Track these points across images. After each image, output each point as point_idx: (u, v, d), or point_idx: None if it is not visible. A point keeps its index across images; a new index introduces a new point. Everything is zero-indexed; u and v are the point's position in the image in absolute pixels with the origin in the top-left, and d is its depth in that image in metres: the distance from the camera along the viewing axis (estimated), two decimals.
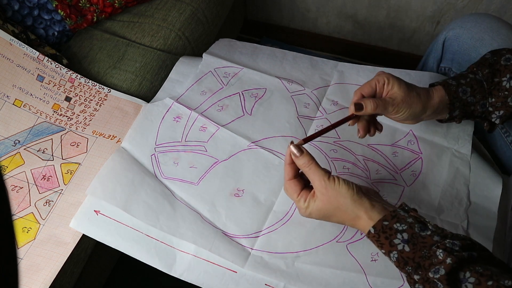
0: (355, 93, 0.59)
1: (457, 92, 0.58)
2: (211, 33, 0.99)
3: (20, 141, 0.69)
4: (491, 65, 0.58)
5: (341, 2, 1.23)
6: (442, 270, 0.43)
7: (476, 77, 0.59)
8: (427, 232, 0.46)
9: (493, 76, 0.58)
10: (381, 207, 0.50)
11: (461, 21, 0.73)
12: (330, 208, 0.51)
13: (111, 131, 0.71)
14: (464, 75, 0.60)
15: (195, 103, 0.74)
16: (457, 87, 0.58)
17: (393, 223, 0.48)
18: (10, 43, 0.70)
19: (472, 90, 0.58)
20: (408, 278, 0.47)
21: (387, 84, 0.58)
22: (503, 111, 0.58)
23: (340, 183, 0.51)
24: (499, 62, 0.58)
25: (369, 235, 0.50)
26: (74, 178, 0.66)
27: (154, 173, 0.66)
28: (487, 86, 0.58)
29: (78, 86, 0.75)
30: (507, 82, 0.57)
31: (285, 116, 0.72)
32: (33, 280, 0.58)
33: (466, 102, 0.59)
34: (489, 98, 0.58)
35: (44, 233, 0.62)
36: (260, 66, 0.80)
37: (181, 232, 0.60)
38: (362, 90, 0.59)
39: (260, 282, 0.57)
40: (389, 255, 0.48)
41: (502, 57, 0.58)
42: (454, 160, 0.67)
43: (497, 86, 0.58)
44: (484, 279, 0.41)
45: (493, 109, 0.59)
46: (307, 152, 0.53)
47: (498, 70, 0.58)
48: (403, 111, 0.57)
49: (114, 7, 0.88)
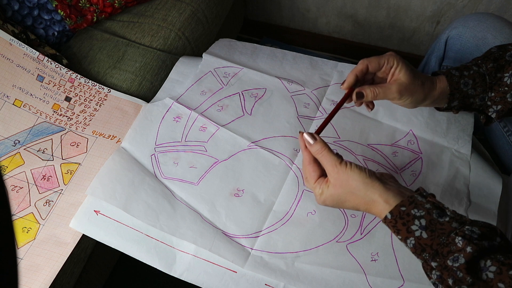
0: (362, 63, 0.58)
1: (459, 83, 0.58)
2: (211, 33, 0.99)
3: (20, 141, 0.69)
4: (496, 59, 0.58)
5: (341, 2, 1.23)
6: (462, 259, 0.42)
7: (479, 70, 0.58)
8: (445, 218, 0.45)
9: (496, 71, 0.57)
10: (397, 191, 0.49)
11: (463, 20, 0.73)
12: (343, 193, 0.51)
13: (111, 131, 0.71)
14: (468, 66, 0.59)
15: (195, 103, 0.74)
16: (460, 78, 0.58)
17: (410, 209, 0.47)
18: (10, 43, 0.70)
19: (474, 83, 0.58)
20: (425, 264, 0.46)
21: (396, 67, 0.56)
22: (501, 106, 0.58)
23: (351, 167, 0.51)
24: (504, 57, 0.58)
25: (386, 221, 0.49)
26: (74, 178, 0.66)
27: (154, 173, 0.66)
28: (489, 80, 0.58)
29: (78, 86, 0.75)
30: (509, 78, 0.57)
31: (285, 116, 0.72)
32: (33, 280, 0.58)
33: (467, 94, 0.58)
34: (489, 92, 0.58)
35: (44, 233, 0.62)
36: (260, 66, 0.80)
37: (181, 232, 0.60)
38: (369, 63, 0.57)
39: (260, 282, 0.57)
40: (406, 241, 0.47)
41: (507, 52, 0.58)
42: (454, 160, 0.67)
43: (499, 82, 0.57)
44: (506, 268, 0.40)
45: (491, 103, 0.59)
46: (320, 139, 0.53)
47: (502, 66, 0.57)
48: (404, 98, 0.57)
49: (114, 7, 0.88)
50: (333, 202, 0.53)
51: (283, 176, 0.66)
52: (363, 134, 0.71)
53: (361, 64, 0.58)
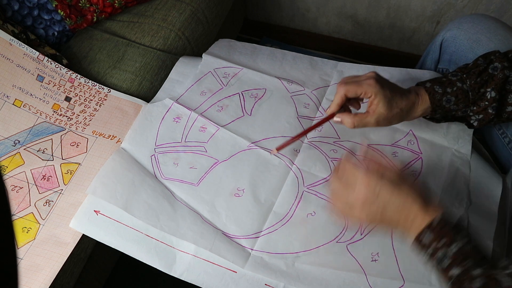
0: (339, 89, 0.59)
1: (441, 100, 0.59)
2: (211, 33, 0.99)
3: (20, 141, 0.69)
4: (480, 73, 0.59)
5: (341, 2, 1.23)
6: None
7: (463, 86, 0.60)
8: None
9: (480, 87, 0.59)
10: None
11: (458, 22, 0.73)
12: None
13: (111, 131, 0.71)
14: (452, 82, 0.60)
15: (195, 104, 0.74)
16: (442, 96, 0.59)
17: None
18: (10, 43, 0.70)
19: (457, 99, 0.60)
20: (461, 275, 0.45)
21: (373, 99, 0.58)
22: (483, 115, 0.60)
23: None
24: (487, 70, 0.59)
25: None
26: (74, 178, 0.66)
27: (154, 174, 0.66)
28: (472, 96, 0.59)
29: (78, 86, 0.75)
30: (489, 93, 0.58)
31: (285, 116, 0.72)
32: (33, 280, 0.58)
33: (449, 109, 0.61)
34: (472, 106, 0.60)
35: (44, 233, 0.62)
36: (259, 67, 0.80)
37: (182, 232, 0.60)
38: (347, 91, 0.58)
39: (260, 282, 0.57)
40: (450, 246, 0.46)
41: (490, 64, 0.59)
42: (454, 160, 0.67)
43: (482, 97, 0.59)
44: None
45: (472, 114, 0.61)
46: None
47: (486, 81, 0.59)
48: (382, 125, 0.60)
49: (114, 7, 0.88)
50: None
51: (283, 176, 0.66)
52: (363, 135, 0.71)
53: (339, 94, 0.59)
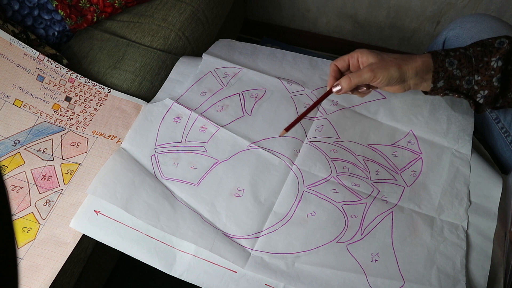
0: (331, 66, 0.64)
1: (444, 61, 0.58)
2: (211, 33, 0.99)
3: (20, 141, 0.69)
4: (484, 45, 0.59)
5: (341, 2, 1.23)
6: None
7: (466, 52, 0.59)
8: None
9: (483, 55, 0.58)
10: None
11: (461, 21, 0.73)
12: None
13: (111, 131, 0.71)
14: (455, 48, 0.60)
15: (195, 104, 0.74)
16: (445, 57, 0.59)
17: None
18: (10, 43, 0.70)
19: (460, 63, 0.58)
20: None
21: (361, 56, 0.61)
22: (488, 91, 0.58)
23: None
24: (493, 44, 0.58)
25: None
26: (74, 178, 0.66)
27: (154, 174, 0.66)
28: (475, 62, 0.58)
29: (78, 86, 0.75)
30: (495, 62, 0.57)
31: (285, 117, 0.72)
32: (33, 280, 0.58)
33: (452, 74, 0.59)
34: (476, 75, 0.58)
35: (44, 233, 0.62)
36: (260, 67, 0.80)
37: (182, 233, 0.60)
38: (336, 61, 0.63)
39: (260, 282, 0.57)
40: None
41: (497, 39, 0.59)
42: (454, 160, 0.67)
43: (485, 65, 0.58)
44: None
45: (478, 88, 0.59)
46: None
47: (490, 51, 0.58)
48: (380, 76, 0.58)
49: (114, 7, 0.88)
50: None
51: (283, 176, 0.66)
52: (363, 135, 0.71)
53: (330, 67, 0.64)
